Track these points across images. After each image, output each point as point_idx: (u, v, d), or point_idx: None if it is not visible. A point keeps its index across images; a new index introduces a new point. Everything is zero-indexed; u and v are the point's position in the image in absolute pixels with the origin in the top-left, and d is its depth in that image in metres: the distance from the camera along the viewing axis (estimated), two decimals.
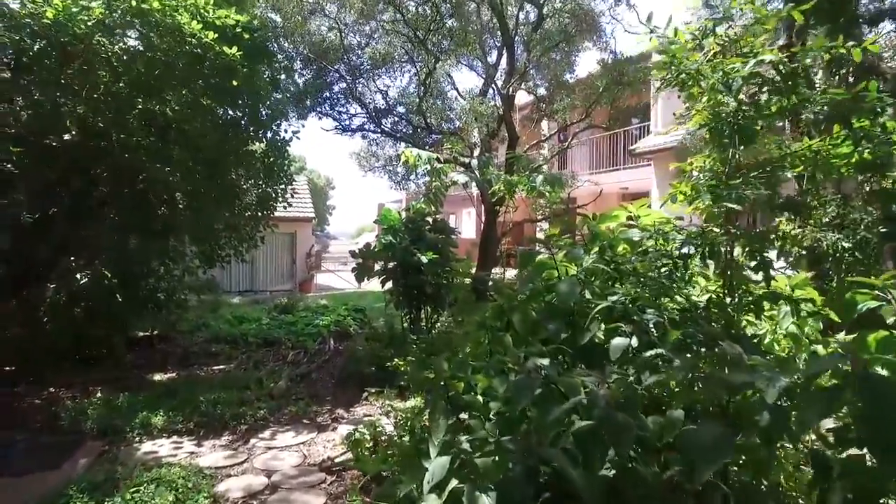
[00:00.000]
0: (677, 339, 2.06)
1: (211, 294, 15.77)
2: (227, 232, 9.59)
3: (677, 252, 2.59)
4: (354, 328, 10.69)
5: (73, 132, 6.66)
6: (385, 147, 11.64)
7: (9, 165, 6.67)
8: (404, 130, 9.89)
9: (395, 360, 6.27)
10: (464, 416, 2.28)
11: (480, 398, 2.27)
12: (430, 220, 8.59)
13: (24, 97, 6.35)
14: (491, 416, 2.14)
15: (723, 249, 2.51)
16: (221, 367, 7.62)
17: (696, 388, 1.81)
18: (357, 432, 4.59)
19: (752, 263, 2.51)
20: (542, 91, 10.98)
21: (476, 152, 9.61)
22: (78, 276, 8.85)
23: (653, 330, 2.16)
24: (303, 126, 11.77)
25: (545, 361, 1.92)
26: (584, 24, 9.08)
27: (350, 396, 6.48)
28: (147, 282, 9.25)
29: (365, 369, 6.67)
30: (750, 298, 2.53)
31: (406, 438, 4.13)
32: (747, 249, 2.53)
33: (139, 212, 9.34)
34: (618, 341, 2.06)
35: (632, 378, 1.84)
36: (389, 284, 8.01)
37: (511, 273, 13.35)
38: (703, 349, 2.00)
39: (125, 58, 6.40)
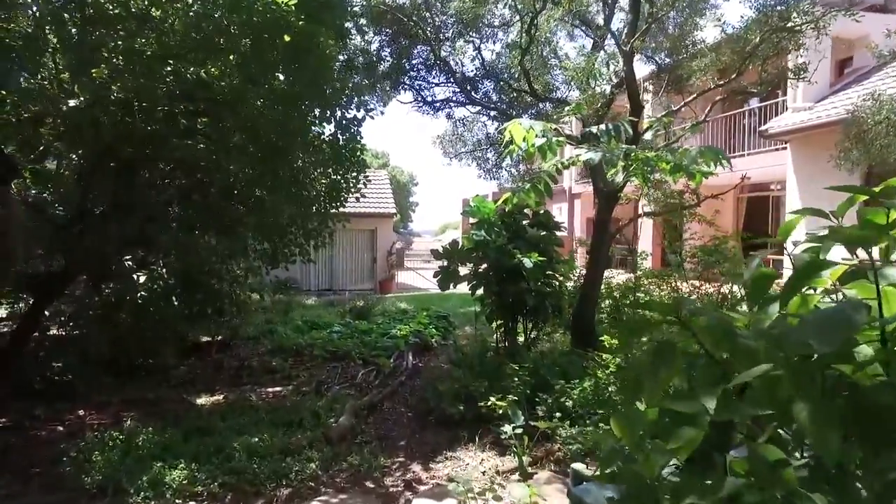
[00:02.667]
0: None
1: (285, 294, 15.00)
2: (292, 228, 8.39)
3: None
4: (437, 340, 9.17)
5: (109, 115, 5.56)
6: (473, 128, 10.01)
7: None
8: (498, 103, 8.15)
9: (491, 397, 4.62)
10: None
11: None
12: (528, 213, 6.88)
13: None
14: None
15: None
16: (278, 388, 6.32)
17: None
18: None
19: None
20: (661, 58, 8.88)
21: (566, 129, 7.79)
22: (135, 276, 8.00)
23: None
24: (382, 109, 10.31)
25: None
26: None
27: (431, 443, 4.90)
28: (207, 283, 8.23)
29: (449, 409, 5.07)
30: None
31: None
32: None
33: (198, 205, 8.37)
34: None
35: None
36: (481, 290, 6.37)
37: (622, 276, 11.35)
38: None
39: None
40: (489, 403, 4.60)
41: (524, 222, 6.78)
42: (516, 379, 4.96)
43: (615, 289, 9.80)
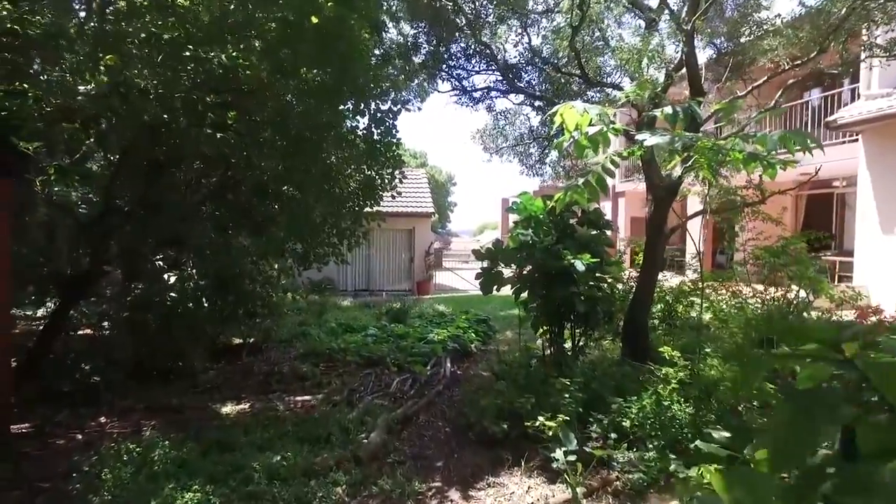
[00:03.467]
0: None
1: (320, 295, 14.79)
2: (325, 227, 8.05)
3: None
4: (477, 345, 8.68)
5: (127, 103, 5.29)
6: (515, 121, 9.42)
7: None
8: (544, 91, 7.52)
9: (540, 417, 4.10)
10: None
11: None
12: (575, 210, 6.29)
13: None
14: None
15: None
16: (307, 397, 5.94)
17: None
18: None
19: None
20: (721, 42, 8.12)
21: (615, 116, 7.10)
22: (165, 276, 7.82)
23: None
24: (419, 105, 9.84)
25: None
26: None
27: (471, 465, 4.40)
28: (239, 285, 7.98)
29: (491, 427, 4.56)
30: None
31: None
32: None
33: (230, 203, 8.13)
34: None
35: None
36: (525, 294, 5.83)
37: (674, 279, 10.56)
38: None
39: None
40: (537, 423, 4.08)
41: (571, 221, 6.22)
42: (567, 395, 4.40)
43: (667, 292, 9.09)
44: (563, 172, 9.60)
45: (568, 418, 4.06)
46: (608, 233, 6.51)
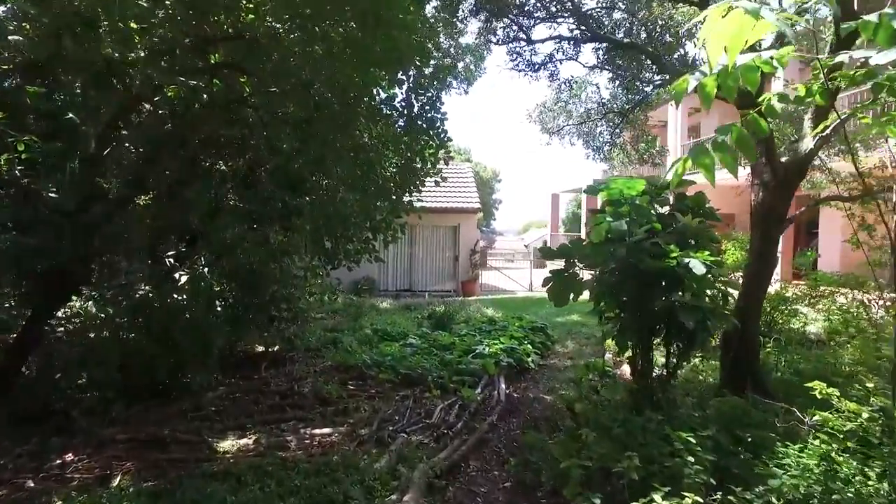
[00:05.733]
0: None
1: (357, 296, 13.68)
2: (356, 219, 6.86)
3: None
4: (534, 360, 7.31)
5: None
6: (582, 93, 7.89)
7: None
8: (633, 37, 5.92)
9: (654, 495, 2.72)
10: None
11: None
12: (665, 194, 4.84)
13: None
14: None
15: None
16: (327, 430, 4.72)
17: None
18: None
19: None
20: None
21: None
22: (176, 275, 6.81)
23: None
24: (465, 88, 8.60)
25: None
26: None
27: None
28: (258, 285, 6.90)
29: (568, 493, 3.18)
30: None
31: None
32: None
33: (246, 190, 7.04)
34: None
35: None
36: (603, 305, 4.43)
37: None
38: None
39: None
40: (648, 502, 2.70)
41: (663, 209, 4.79)
42: (691, 459, 2.99)
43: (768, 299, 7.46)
44: (636, 155, 8.07)
45: (700, 500, 2.65)
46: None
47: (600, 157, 8.39)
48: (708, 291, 4.31)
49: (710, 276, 3.87)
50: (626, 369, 7.01)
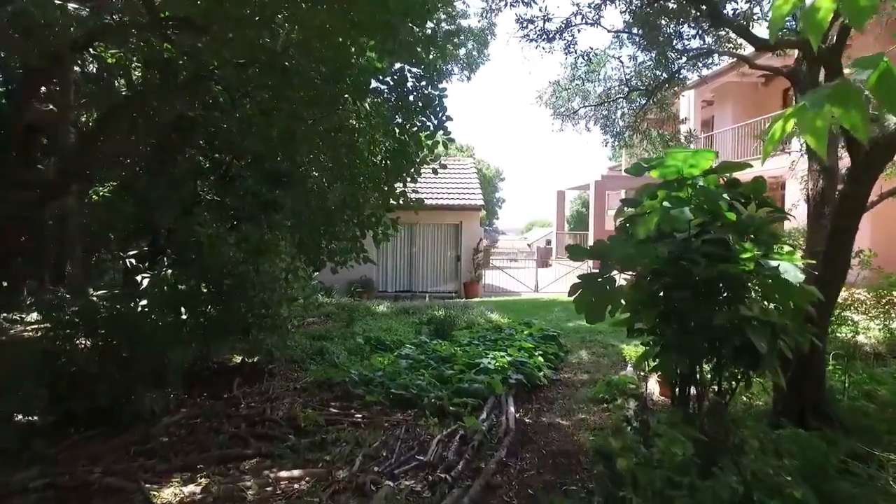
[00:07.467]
0: None
1: (353, 298, 12.77)
2: (343, 214, 5.96)
3: None
4: (546, 374, 6.39)
5: None
6: (601, 70, 6.91)
7: None
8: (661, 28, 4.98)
9: None
10: None
11: None
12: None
13: None
14: None
15: None
16: (295, 473, 3.79)
17: None
18: None
19: None
20: None
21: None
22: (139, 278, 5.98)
23: None
24: (467, 73, 7.70)
25: None
26: None
27: None
28: (227, 291, 6.03)
29: None
30: None
31: None
32: None
33: (219, 181, 6.17)
34: None
35: None
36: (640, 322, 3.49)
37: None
38: None
39: None
40: None
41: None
42: None
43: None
44: (661, 142, 7.11)
45: None
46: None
47: (620, 143, 7.42)
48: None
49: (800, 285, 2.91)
50: (653, 386, 6.08)
